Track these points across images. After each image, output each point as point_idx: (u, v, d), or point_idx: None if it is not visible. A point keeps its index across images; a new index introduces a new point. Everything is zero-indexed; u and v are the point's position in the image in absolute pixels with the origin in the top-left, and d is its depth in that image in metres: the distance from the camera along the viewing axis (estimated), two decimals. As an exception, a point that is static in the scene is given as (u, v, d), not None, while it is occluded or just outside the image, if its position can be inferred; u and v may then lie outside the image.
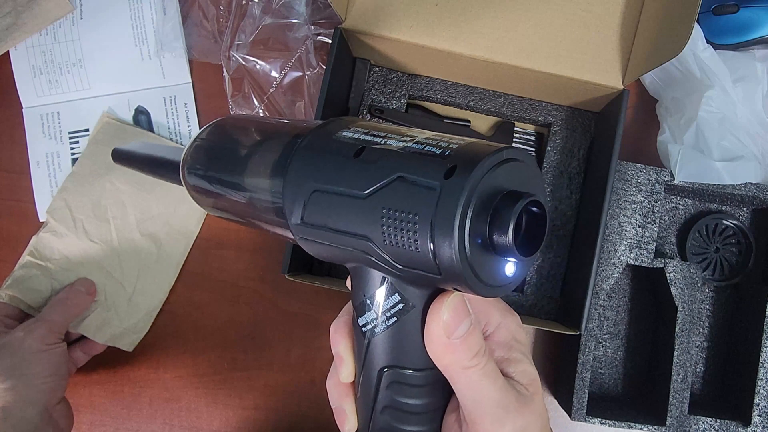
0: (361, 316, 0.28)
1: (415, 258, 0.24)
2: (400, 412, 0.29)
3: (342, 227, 0.26)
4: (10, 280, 0.56)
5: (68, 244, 0.57)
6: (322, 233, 0.26)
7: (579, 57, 0.49)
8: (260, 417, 0.58)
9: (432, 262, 0.23)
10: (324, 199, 0.26)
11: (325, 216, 0.26)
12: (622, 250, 0.52)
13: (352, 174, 0.25)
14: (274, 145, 0.29)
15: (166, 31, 0.58)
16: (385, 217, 0.24)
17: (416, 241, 0.23)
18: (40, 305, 0.55)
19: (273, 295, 0.58)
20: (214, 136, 0.34)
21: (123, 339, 0.56)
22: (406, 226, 0.23)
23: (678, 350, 0.51)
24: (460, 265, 0.23)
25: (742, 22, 0.54)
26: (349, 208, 0.25)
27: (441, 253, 0.23)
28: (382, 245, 0.24)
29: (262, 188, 0.29)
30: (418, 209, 0.23)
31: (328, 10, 0.56)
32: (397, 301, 0.27)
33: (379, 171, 0.24)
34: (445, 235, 0.22)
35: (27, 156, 0.59)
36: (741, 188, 0.52)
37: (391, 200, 0.24)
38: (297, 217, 0.27)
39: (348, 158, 0.26)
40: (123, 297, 0.57)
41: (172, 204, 0.58)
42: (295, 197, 0.27)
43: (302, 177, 0.27)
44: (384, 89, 0.56)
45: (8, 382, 0.46)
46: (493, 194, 0.23)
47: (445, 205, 0.22)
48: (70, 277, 0.56)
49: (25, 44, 0.59)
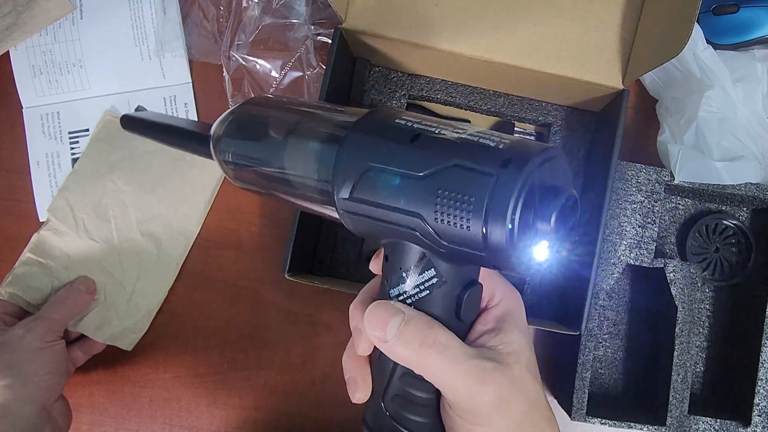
0: (393, 289, 0.30)
1: (464, 237, 0.26)
2: (418, 380, 0.30)
3: (394, 203, 0.28)
4: (10, 277, 0.55)
5: (69, 242, 0.57)
6: (370, 209, 0.28)
7: (579, 57, 0.49)
8: (260, 417, 0.58)
9: (480, 242, 0.26)
10: (378, 176, 0.28)
11: (377, 192, 0.28)
12: (622, 250, 0.52)
13: (409, 156, 0.27)
14: (324, 124, 0.31)
15: (166, 31, 0.58)
16: (440, 197, 0.26)
17: (468, 221, 0.25)
18: (40, 303, 0.55)
19: (273, 295, 0.58)
20: (252, 112, 0.35)
21: (122, 338, 0.56)
22: (460, 207, 0.26)
23: (678, 350, 0.51)
24: (509, 246, 0.25)
25: (742, 22, 0.54)
26: (404, 186, 0.27)
27: (492, 234, 0.25)
28: (433, 222, 0.27)
29: (308, 164, 0.31)
30: (474, 193, 0.25)
31: (328, 10, 0.56)
32: (432, 275, 0.29)
33: (436, 156, 0.27)
34: (498, 219, 0.25)
35: (27, 156, 0.59)
36: (741, 188, 0.52)
37: (448, 183, 0.26)
38: (346, 191, 0.29)
39: (404, 142, 0.28)
40: (123, 296, 0.57)
41: (173, 205, 0.58)
42: (348, 173, 0.29)
43: (357, 154, 0.29)
44: (384, 89, 0.56)
45: (6, 380, 0.46)
46: (539, 187, 0.26)
47: (500, 191, 0.25)
48: (70, 275, 0.56)
49: (25, 44, 0.59)
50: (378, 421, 0.32)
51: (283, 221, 0.58)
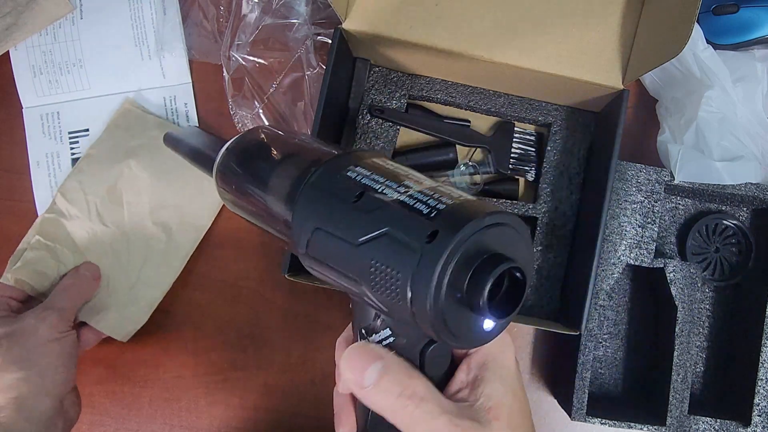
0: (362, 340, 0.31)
1: (399, 308, 0.26)
2: None
3: (339, 267, 0.28)
4: (19, 262, 0.54)
5: (78, 226, 0.56)
6: (322, 267, 0.29)
7: (579, 57, 0.49)
8: (260, 417, 0.58)
9: (411, 318, 0.25)
10: (324, 238, 0.28)
11: (325, 254, 0.28)
12: (622, 250, 0.52)
13: (348, 221, 0.27)
14: (291, 170, 0.31)
15: (166, 31, 0.58)
16: (373, 268, 0.26)
17: (398, 295, 0.25)
18: (45, 288, 0.54)
19: (273, 295, 0.58)
20: (244, 145, 0.36)
21: (119, 328, 0.55)
22: (390, 281, 0.25)
23: (678, 350, 0.51)
24: (438, 323, 0.25)
25: (742, 22, 0.54)
26: (344, 252, 0.27)
27: (418, 311, 0.25)
28: (371, 291, 0.26)
29: (278, 207, 0.31)
30: (400, 268, 0.25)
31: (328, 10, 0.56)
32: (388, 335, 0.29)
33: (371, 223, 0.26)
34: (420, 297, 0.24)
35: (27, 156, 0.59)
36: (741, 188, 0.52)
37: (378, 254, 0.26)
38: (302, 247, 0.29)
39: (347, 203, 0.27)
40: (126, 283, 0.56)
41: (188, 196, 0.57)
42: (301, 230, 0.29)
43: (307, 213, 0.29)
44: (384, 89, 0.56)
45: (21, 373, 0.45)
46: (475, 255, 0.24)
47: (423, 267, 0.24)
48: (76, 260, 0.55)
49: (25, 44, 0.59)
50: None
51: (283, 221, 0.58)
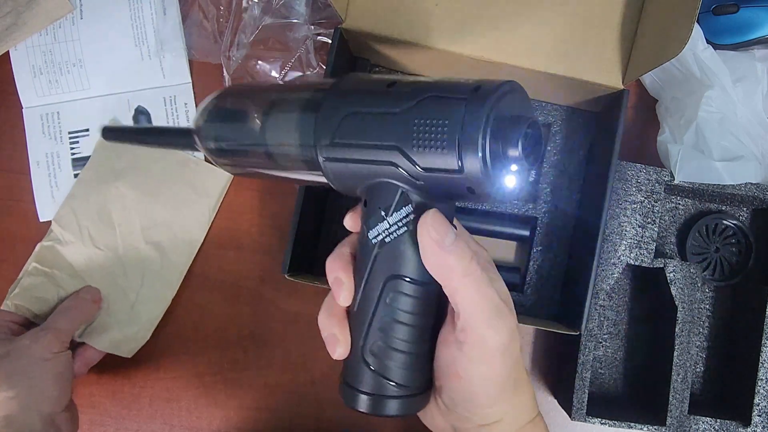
0: (372, 229, 0.32)
1: (440, 158, 0.28)
2: (397, 323, 0.32)
3: (373, 140, 0.30)
4: (17, 288, 0.55)
5: (74, 251, 0.57)
6: (351, 151, 0.30)
7: (579, 57, 0.49)
8: (260, 417, 0.58)
9: (455, 160, 0.27)
10: (358, 119, 0.30)
11: (358, 133, 0.30)
12: (622, 250, 0.52)
13: (387, 97, 0.30)
14: (302, 92, 0.33)
15: (166, 31, 0.58)
16: (416, 125, 0.28)
17: (444, 141, 0.27)
18: (46, 313, 0.54)
19: (273, 295, 0.58)
20: (229, 96, 0.37)
21: (122, 346, 0.56)
22: (436, 130, 0.28)
23: (678, 350, 0.51)
24: (482, 162, 0.27)
25: (742, 22, 0.54)
26: (381, 123, 0.29)
27: (466, 148, 0.27)
28: (411, 151, 0.28)
29: (290, 126, 0.33)
30: (449, 116, 0.27)
31: (328, 10, 0.56)
32: (409, 211, 0.31)
33: (413, 93, 0.29)
34: (471, 134, 0.27)
35: (27, 156, 0.59)
36: (741, 188, 0.52)
37: (424, 111, 0.28)
38: (328, 138, 0.31)
39: (380, 88, 0.30)
40: (125, 304, 0.56)
41: (178, 212, 0.58)
42: (329, 121, 0.31)
43: (337, 104, 0.31)
44: (384, 89, 0.56)
45: (12, 391, 0.46)
46: (505, 113, 0.28)
47: (472, 110, 0.27)
48: (75, 284, 0.56)
49: (25, 44, 0.59)
50: (359, 375, 0.33)
51: (283, 221, 0.58)
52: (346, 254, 0.34)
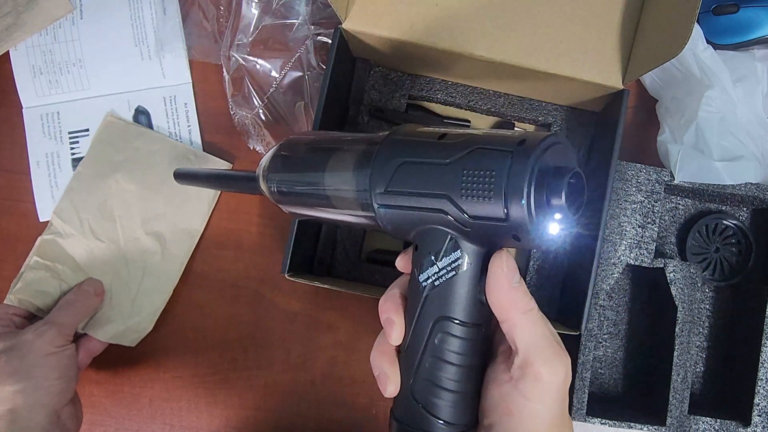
0: (422, 273, 0.33)
1: (487, 207, 0.29)
2: (445, 362, 0.33)
3: (424, 189, 0.31)
4: (19, 283, 0.55)
5: (75, 244, 0.57)
6: (404, 198, 0.32)
7: (579, 57, 0.49)
8: (260, 417, 0.58)
9: (501, 209, 0.29)
10: (411, 168, 0.32)
11: (410, 182, 0.32)
12: (622, 250, 0.52)
13: (437, 148, 0.31)
14: (357, 143, 0.36)
15: (166, 31, 0.58)
16: (465, 176, 0.30)
17: (491, 191, 0.29)
18: (49, 307, 0.55)
19: (273, 295, 0.58)
20: (292, 146, 0.40)
21: (125, 336, 0.56)
22: (482, 180, 0.29)
23: (678, 350, 0.51)
24: (527, 210, 0.28)
25: (742, 22, 0.54)
26: (433, 173, 0.31)
27: (511, 199, 0.28)
28: (459, 200, 0.30)
29: (346, 174, 0.35)
30: (495, 167, 0.29)
31: (328, 10, 0.56)
32: (457, 257, 0.32)
33: (461, 145, 0.31)
34: (516, 185, 0.28)
35: (27, 156, 0.59)
36: (741, 188, 0.52)
37: (471, 162, 0.30)
38: (382, 186, 0.33)
39: (432, 139, 0.32)
40: (127, 296, 0.57)
41: (177, 203, 0.58)
42: (384, 169, 0.33)
43: (391, 154, 0.33)
44: (384, 89, 0.56)
45: (17, 385, 0.46)
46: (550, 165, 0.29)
47: (518, 162, 0.28)
48: (78, 277, 0.56)
49: (25, 44, 0.59)
50: (408, 412, 0.34)
51: (283, 221, 0.58)
52: (397, 296, 0.35)
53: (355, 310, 0.58)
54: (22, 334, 0.49)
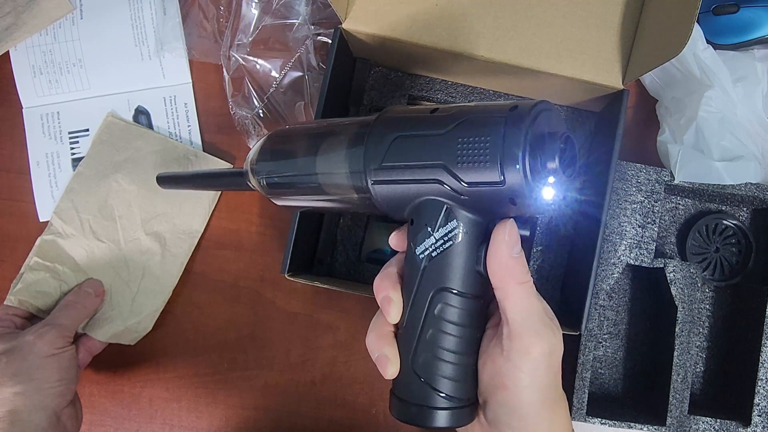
0: (419, 245, 0.33)
1: (483, 172, 0.30)
2: (445, 334, 0.33)
3: (420, 160, 0.32)
4: (20, 284, 0.55)
5: (75, 244, 0.57)
6: (399, 171, 0.32)
7: (579, 57, 0.49)
8: (260, 417, 0.58)
9: (497, 173, 0.29)
10: (406, 142, 0.32)
11: (405, 154, 0.32)
12: (622, 250, 0.52)
13: (431, 120, 0.32)
14: (349, 126, 0.36)
15: (166, 31, 0.58)
16: (460, 144, 0.30)
17: (487, 155, 0.29)
18: (49, 307, 0.55)
19: (273, 295, 0.58)
20: (280, 136, 0.40)
21: (125, 336, 0.56)
22: (478, 146, 0.30)
23: (678, 350, 0.51)
24: (522, 173, 0.29)
25: (742, 22, 0.54)
26: (428, 144, 0.32)
27: (507, 161, 0.29)
28: (455, 167, 0.30)
29: (339, 156, 0.35)
30: (490, 132, 0.30)
31: (328, 10, 0.56)
32: (454, 226, 0.32)
33: (455, 116, 0.31)
34: (512, 146, 0.29)
35: (27, 156, 0.59)
36: (741, 188, 0.52)
37: (466, 130, 0.30)
38: (377, 162, 0.33)
39: (425, 113, 0.33)
40: (127, 296, 0.57)
41: (177, 203, 0.58)
42: (378, 147, 0.33)
43: (385, 130, 0.33)
44: (384, 89, 0.56)
45: (18, 387, 0.46)
46: (542, 130, 0.30)
47: (512, 126, 0.29)
48: (78, 278, 0.56)
49: (25, 44, 0.59)
50: (410, 388, 0.34)
51: (283, 221, 0.58)
52: (393, 273, 0.35)
53: (355, 311, 0.58)
54: (22, 335, 0.49)
